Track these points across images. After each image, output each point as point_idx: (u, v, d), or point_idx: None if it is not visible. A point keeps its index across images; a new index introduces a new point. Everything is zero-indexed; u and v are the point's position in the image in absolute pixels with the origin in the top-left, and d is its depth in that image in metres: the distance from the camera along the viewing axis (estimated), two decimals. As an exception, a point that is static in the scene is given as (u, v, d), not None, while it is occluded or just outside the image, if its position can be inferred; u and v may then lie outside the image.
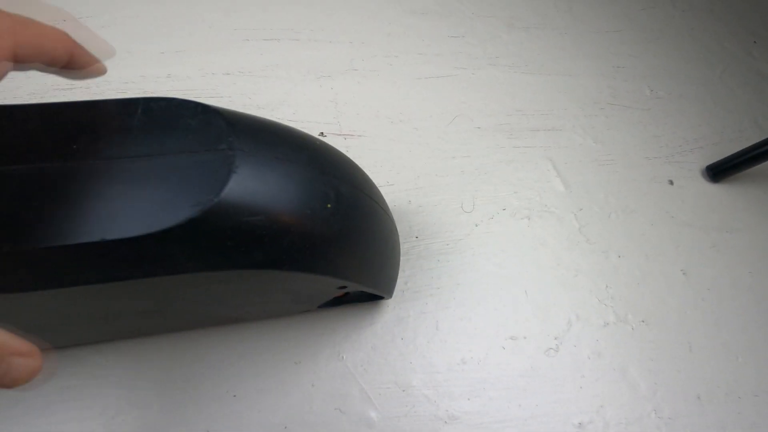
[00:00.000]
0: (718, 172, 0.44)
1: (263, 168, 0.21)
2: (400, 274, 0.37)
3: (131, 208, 0.19)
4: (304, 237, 0.22)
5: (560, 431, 0.33)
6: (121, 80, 0.41)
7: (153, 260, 0.19)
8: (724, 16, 0.55)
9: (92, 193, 0.18)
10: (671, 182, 0.44)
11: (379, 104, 0.45)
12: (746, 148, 0.42)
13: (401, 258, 0.37)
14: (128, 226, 0.18)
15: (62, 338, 0.30)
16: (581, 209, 0.41)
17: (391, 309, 0.35)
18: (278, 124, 0.25)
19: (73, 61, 0.19)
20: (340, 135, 0.43)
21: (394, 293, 0.36)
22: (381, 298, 0.34)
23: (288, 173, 0.22)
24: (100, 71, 0.21)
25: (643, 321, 0.37)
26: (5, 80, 0.17)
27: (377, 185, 0.30)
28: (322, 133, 0.42)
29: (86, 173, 0.19)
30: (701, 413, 0.34)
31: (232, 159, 0.20)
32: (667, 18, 0.55)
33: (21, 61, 0.17)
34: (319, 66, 0.46)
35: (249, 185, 0.20)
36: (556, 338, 0.36)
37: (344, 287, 0.28)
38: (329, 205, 0.23)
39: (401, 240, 0.38)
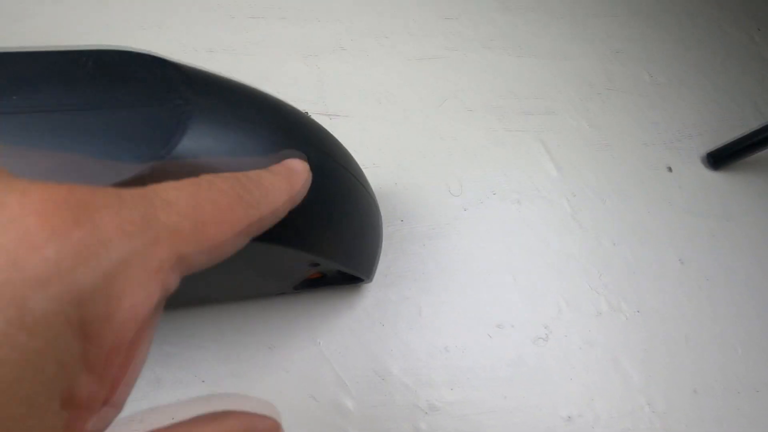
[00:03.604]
0: (719, 159, 0.42)
1: (221, 125, 0.20)
2: (383, 257, 0.35)
3: (74, 163, 0.17)
4: (266, 202, 0.21)
5: (548, 424, 0.31)
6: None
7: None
8: (727, 1, 0.54)
9: (33, 147, 0.17)
10: (669, 169, 0.42)
11: (366, 84, 0.43)
12: (748, 134, 0.40)
13: (384, 241, 0.36)
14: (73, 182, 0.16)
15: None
16: (574, 194, 0.40)
17: (371, 293, 0.34)
18: (244, 85, 0.23)
19: None
20: (325, 114, 0.41)
21: (376, 277, 0.34)
22: (360, 281, 0.32)
23: (249, 132, 0.20)
24: None
25: (637, 311, 0.35)
26: None
27: (362, 166, 0.29)
28: (306, 112, 0.41)
29: (27, 126, 0.17)
30: (697, 407, 0.32)
31: (188, 114, 0.19)
32: (668, 3, 0.53)
33: None
34: (305, 44, 0.44)
35: (204, 142, 0.19)
36: (545, 327, 0.34)
37: (317, 265, 0.27)
38: (296, 171, 0.22)
39: (385, 223, 0.36)
